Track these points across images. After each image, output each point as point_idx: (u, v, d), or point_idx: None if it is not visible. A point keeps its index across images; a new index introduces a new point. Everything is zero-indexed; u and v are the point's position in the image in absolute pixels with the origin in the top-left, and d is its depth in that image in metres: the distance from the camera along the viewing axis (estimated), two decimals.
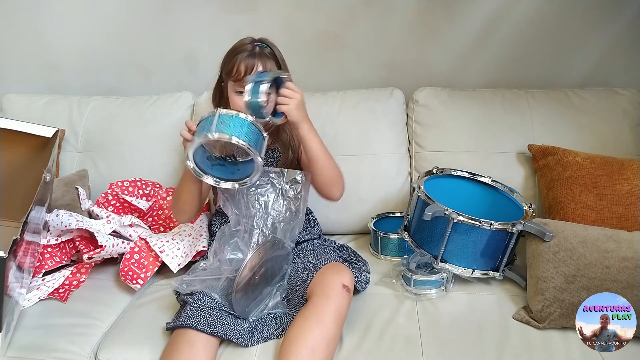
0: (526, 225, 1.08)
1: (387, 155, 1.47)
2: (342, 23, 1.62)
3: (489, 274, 1.13)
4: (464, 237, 1.10)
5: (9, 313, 0.98)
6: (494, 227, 1.07)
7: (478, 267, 1.13)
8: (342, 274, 1.06)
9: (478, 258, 1.12)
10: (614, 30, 1.53)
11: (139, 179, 1.47)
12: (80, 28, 1.75)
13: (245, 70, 1.14)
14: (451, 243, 1.11)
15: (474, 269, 1.13)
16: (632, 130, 1.41)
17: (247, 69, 1.14)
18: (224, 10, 1.65)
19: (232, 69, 1.15)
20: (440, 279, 1.13)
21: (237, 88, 1.16)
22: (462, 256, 1.13)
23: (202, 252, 1.26)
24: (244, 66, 1.15)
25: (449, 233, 1.09)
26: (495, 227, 1.07)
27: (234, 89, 1.17)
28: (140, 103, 1.62)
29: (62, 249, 1.26)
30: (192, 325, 0.97)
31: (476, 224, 1.07)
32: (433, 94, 1.50)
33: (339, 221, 1.45)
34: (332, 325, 0.97)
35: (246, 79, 1.08)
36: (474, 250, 1.11)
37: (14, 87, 1.79)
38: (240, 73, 1.14)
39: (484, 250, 1.11)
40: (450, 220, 1.07)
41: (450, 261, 1.13)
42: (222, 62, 1.20)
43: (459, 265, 1.13)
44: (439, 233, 1.11)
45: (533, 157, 1.37)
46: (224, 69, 1.19)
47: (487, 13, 1.55)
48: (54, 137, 1.22)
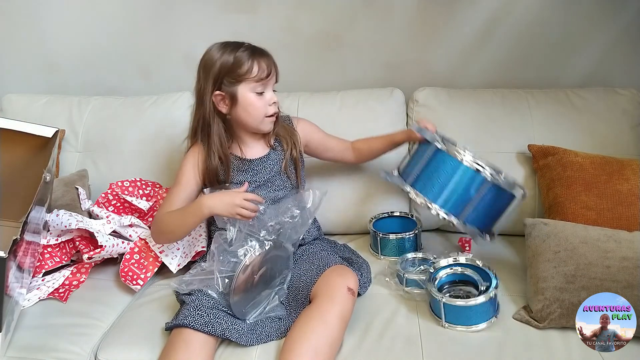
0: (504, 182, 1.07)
1: (387, 155, 1.46)
2: (342, 23, 1.62)
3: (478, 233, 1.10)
4: (464, 183, 1.07)
5: (9, 313, 0.98)
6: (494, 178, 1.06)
7: (468, 220, 1.10)
8: (347, 276, 1.06)
9: (470, 211, 1.09)
10: (614, 31, 1.53)
11: (139, 179, 1.47)
12: (80, 28, 1.75)
13: (268, 68, 1.12)
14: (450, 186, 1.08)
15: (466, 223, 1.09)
16: (632, 130, 1.41)
17: (268, 67, 1.13)
18: (224, 10, 1.65)
19: (250, 68, 1.11)
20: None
21: (257, 88, 1.13)
22: (456, 203, 1.09)
23: (201, 252, 1.26)
24: (265, 64, 1.12)
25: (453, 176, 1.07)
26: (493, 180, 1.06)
27: (254, 90, 1.13)
28: (140, 103, 1.62)
29: (62, 249, 1.26)
30: (189, 325, 0.97)
31: (480, 170, 1.06)
32: (433, 94, 1.50)
33: (338, 221, 1.45)
34: (336, 328, 0.96)
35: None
36: (471, 201, 1.09)
37: (14, 87, 1.79)
38: (264, 71, 1.12)
39: (479, 204, 1.09)
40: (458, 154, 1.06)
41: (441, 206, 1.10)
42: (224, 69, 1.12)
43: (449, 210, 1.09)
44: (443, 174, 1.08)
45: (533, 157, 1.37)
46: (232, 73, 1.11)
47: (487, 13, 1.55)
48: (54, 137, 1.22)
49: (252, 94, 1.13)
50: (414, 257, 1.24)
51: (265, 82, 1.14)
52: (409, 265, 1.22)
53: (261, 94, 1.14)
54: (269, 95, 1.15)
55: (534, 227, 1.11)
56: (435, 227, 1.47)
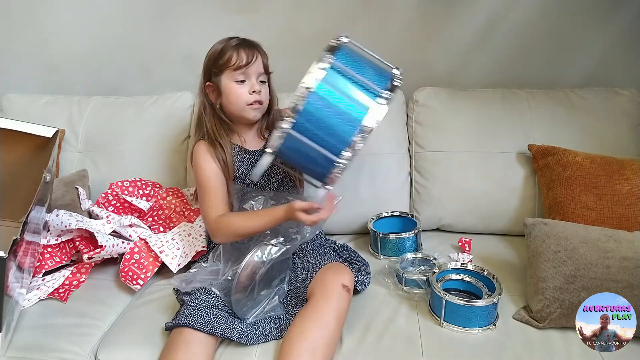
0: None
1: (387, 155, 1.47)
2: (342, 23, 1.61)
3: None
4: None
5: (9, 313, 0.98)
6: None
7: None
8: (342, 274, 1.06)
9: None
10: (614, 31, 1.53)
11: (139, 179, 1.47)
12: (80, 28, 1.75)
13: (247, 57, 1.14)
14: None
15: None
16: (632, 130, 1.41)
17: (247, 55, 1.15)
18: (224, 10, 1.65)
19: (230, 57, 1.14)
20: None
21: (237, 77, 1.15)
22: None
23: (201, 252, 1.26)
24: (244, 53, 1.15)
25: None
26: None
27: (234, 79, 1.15)
28: (140, 103, 1.62)
29: (62, 249, 1.26)
30: (189, 324, 0.97)
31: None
32: (433, 94, 1.50)
33: (338, 221, 1.45)
34: (332, 326, 0.97)
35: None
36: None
37: (14, 87, 1.79)
38: (242, 59, 1.14)
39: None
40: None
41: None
42: (211, 60, 1.17)
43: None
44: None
45: (533, 157, 1.37)
46: (216, 63, 1.16)
47: (487, 13, 1.55)
48: (54, 137, 1.22)
49: (233, 82, 1.16)
50: (413, 257, 1.24)
51: (246, 71, 1.15)
52: (409, 265, 1.22)
53: (242, 82, 1.16)
54: (251, 83, 1.17)
55: (534, 227, 1.10)
56: (435, 227, 1.47)
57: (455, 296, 1.02)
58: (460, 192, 1.41)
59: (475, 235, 1.39)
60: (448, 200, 1.42)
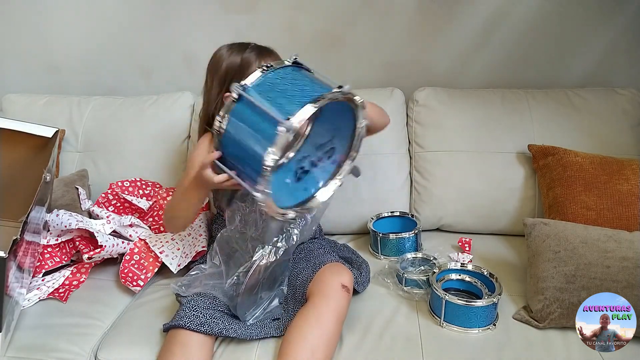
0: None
1: (387, 155, 1.47)
2: (342, 23, 1.62)
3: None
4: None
5: (9, 313, 0.98)
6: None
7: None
8: (341, 274, 1.06)
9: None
10: (614, 31, 1.53)
11: (139, 179, 1.47)
12: (80, 28, 1.75)
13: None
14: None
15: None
16: (632, 130, 1.41)
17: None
18: (224, 10, 1.65)
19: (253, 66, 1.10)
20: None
21: None
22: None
23: (201, 252, 1.26)
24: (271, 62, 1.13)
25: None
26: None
27: None
28: (140, 103, 1.62)
29: (62, 249, 1.26)
30: (185, 325, 0.97)
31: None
32: (433, 94, 1.50)
33: (339, 221, 1.45)
34: (332, 326, 0.97)
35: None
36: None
37: (14, 87, 1.79)
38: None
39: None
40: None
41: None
42: (230, 72, 1.13)
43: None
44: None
45: (533, 157, 1.37)
46: (239, 75, 1.10)
47: (487, 13, 1.55)
48: (54, 137, 1.22)
49: None
50: (413, 257, 1.24)
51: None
52: (409, 265, 1.22)
53: None
54: None
55: (534, 227, 1.10)
56: (435, 227, 1.47)
57: (455, 296, 1.02)
58: (460, 192, 1.41)
59: (475, 235, 1.39)
60: (448, 200, 1.42)
